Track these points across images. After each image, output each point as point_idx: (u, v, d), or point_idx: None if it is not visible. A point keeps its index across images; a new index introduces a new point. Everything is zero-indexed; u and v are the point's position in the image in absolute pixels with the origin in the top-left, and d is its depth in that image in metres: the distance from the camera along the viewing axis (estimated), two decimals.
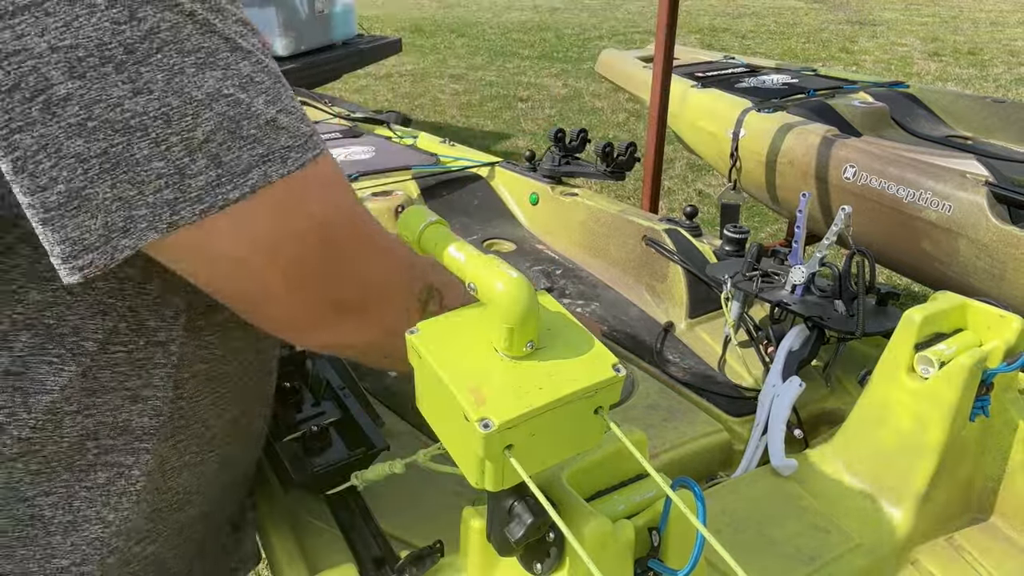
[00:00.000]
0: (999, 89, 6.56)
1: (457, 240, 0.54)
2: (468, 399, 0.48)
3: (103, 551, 0.65)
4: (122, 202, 0.47)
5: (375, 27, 8.74)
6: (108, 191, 0.46)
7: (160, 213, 0.48)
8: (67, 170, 0.45)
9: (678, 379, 1.17)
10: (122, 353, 0.60)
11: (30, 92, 0.43)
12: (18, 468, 0.59)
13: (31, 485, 0.60)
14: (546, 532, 0.54)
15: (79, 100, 0.44)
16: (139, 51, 0.45)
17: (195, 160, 0.48)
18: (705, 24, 9.86)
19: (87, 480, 0.62)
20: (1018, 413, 0.85)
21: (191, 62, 0.47)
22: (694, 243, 1.40)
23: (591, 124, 5.86)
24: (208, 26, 0.48)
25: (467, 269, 0.51)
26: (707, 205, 4.25)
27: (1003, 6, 10.73)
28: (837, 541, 0.81)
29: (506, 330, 0.50)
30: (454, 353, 0.52)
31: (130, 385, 0.61)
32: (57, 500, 0.61)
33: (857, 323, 1.02)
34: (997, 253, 2.03)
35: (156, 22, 0.46)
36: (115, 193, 0.46)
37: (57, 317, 0.57)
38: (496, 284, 0.49)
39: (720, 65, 3.45)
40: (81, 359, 0.58)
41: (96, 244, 0.47)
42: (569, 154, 1.74)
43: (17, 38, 0.43)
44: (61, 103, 0.44)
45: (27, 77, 0.43)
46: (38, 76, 0.43)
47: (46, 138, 0.44)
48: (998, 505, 0.87)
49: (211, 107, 0.48)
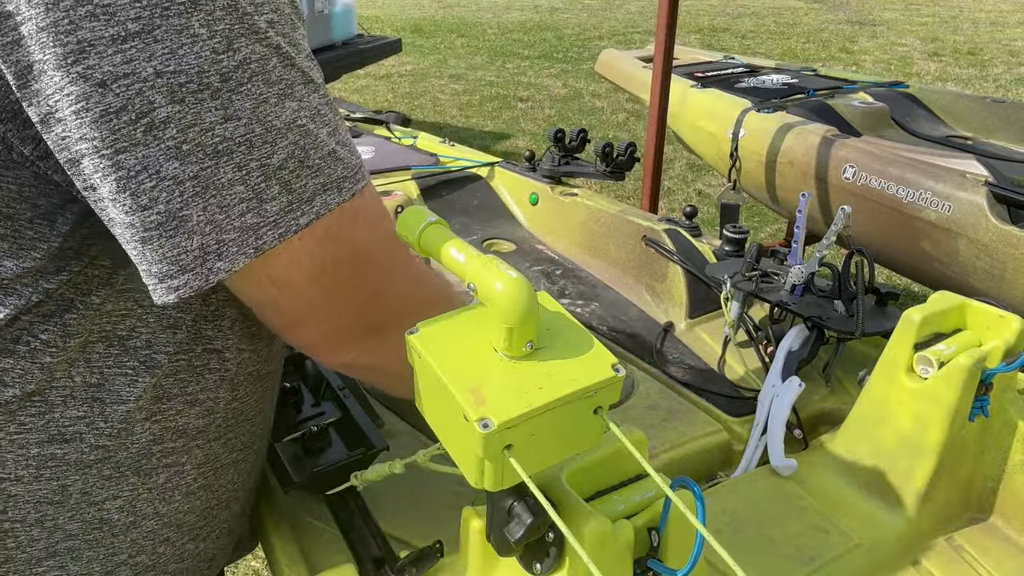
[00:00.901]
0: (999, 89, 6.56)
1: (456, 240, 0.54)
2: (467, 399, 0.48)
3: (155, 541, 0.68)
4: (213, 225, 0.49)
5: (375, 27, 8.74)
6: (201, 214, 0.48)
7: (247, 238, 0.50)
8: (166, 191, 0.47)
9: (678, 379, 1.17)
10: (184, 361, 0.63)
11: (135, 114, 0.45)
12: (92, 474, 0.62)
13: (102, 489, 0.63)
14: (546, 532, 0.54)
15: (177, 123, 0.46)
16: (232, 80, 0.48)
17: (270, 186, 0.50)
18: (705, 24, 9.86)
19: (149, 482, 0.65)
20: (1018, 413, 0.85)
21: (274, 92, 0.50)
22: (694, 243, 1.40)
23: (591, 124, 5.87)
24: (289, 59, 0.51)
25: (466, 269, 0.51)
26: (707, 205, 4.25)
27: (1003, 6, 10.73)
28: (837, 541, 0.81)
29: (506, 330, 0.50)
30: (454, 353, 0.52)
31: (190, 391, 0.64)
32: (123, 503, 0.64)
33: (857, 323, 1.02)
34: (997, 253, 2.03)
35: (248, 53, 0.48)
36: (207, 216, 0.48)
37: (130, 329, 0.59)
38: (495, 284, 0.49)
39: (720, 65, 3.45)
40: (154, 370, 0.61)
41: (192, 266, 0.49)
42: (569, 154, 1.74)
43: (127, 62, 0.45)
44: (161, 125, 0.46)
45: (133, 100, 0.45)
46: (143, 99, 0.45)
47: (147, 159, 0.46)
48: (998, 505, 0.87)
49: (287, 136, 0.50)
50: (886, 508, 0.84)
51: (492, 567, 0.62)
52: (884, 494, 0.85)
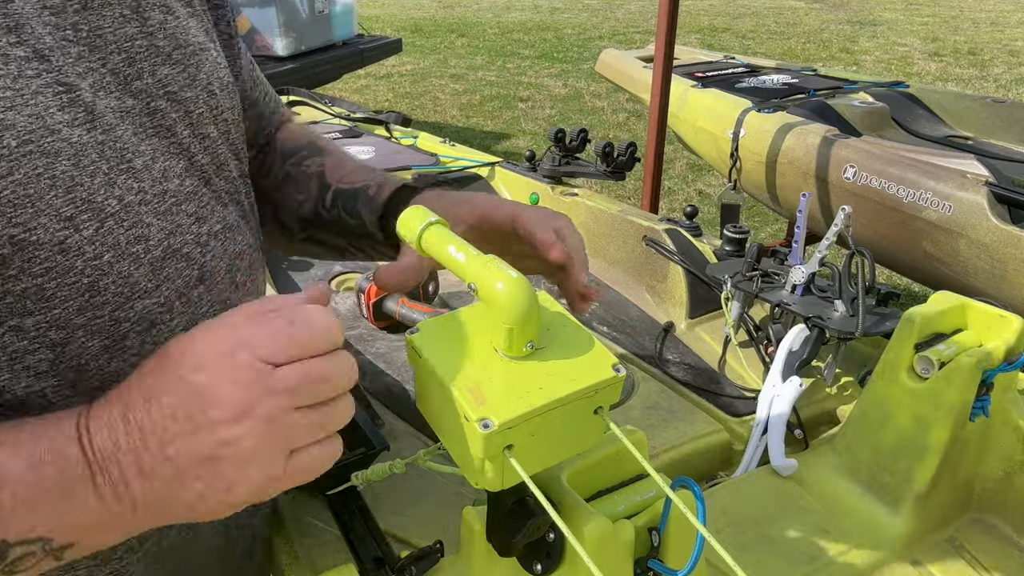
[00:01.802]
0: (999, 89, 6.56)
1: (457, 240, 0.54)
2: (468, 399, 0.48)
3: None
4: None
5: (375, 27, 8.73)
6: None
7: None
8: None
9: (678, 379, 1.17)
10: None
11: None
12: None
13: None
14: (546, 532, 0.55)
15: None
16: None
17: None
18: (705, 24, 9.86)
19: None
20: (1018, 413, 0.85)
21: None
22: (694, 243, 1.40)
23: (591, 124, 5.87)
24: None
25: (467, 269, 0.51)
26: (707, 205, 4.25)
27: (1003, 6, 10.73)
28: (837, 541, 0.81)
29: (506, 330, 0.50)
30: (454, 353, 0.52)
31: None
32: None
33: (857, 323, 1.02)
34: (997, 253, 2.03)
35: None
36: None
37: None
38: (496, 284, 0.49)
39: (720, 65, 3.45)
40: None
41: None
42: (569, 154, 1.74)
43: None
44: None
45: None
46: None
47: None
48: (998, 505, 0.87)
49: None
50: (886, 508, 0.84)
51: (492, 567, 0.62)
52: (884, 494, 0.85)
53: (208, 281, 0.60)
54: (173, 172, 0.58)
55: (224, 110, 0.65)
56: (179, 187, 0.58)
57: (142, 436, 0.45)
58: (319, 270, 1.57)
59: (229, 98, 0.66)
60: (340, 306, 1.41)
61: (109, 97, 0.53)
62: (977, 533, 0.85)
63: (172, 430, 0.44)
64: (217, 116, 0.63)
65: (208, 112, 0.62)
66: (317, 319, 0.47)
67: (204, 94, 0.62)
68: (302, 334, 0.46)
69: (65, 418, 0.47)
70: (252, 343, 0.45)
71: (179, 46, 0.60)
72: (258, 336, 0.45)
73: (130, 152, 0.54)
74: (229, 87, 0.66)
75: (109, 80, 0.54)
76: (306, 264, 1.60)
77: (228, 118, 0.66)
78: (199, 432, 0.44)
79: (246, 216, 0.69)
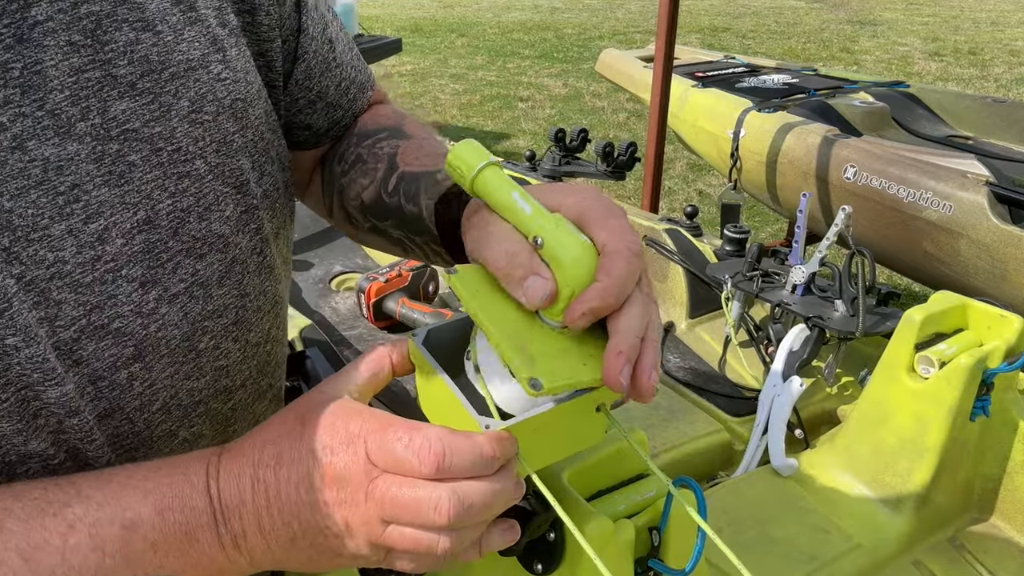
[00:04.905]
0: (1000, 89, 6.56)
1: (519, 187, 0.48)
2: (517, 355, 0.47)
3: None
4: None
5: (375, 27, 8.74)
6: None
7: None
8: None
9: (678, 379, 1.17)
10: None
11: None
12: None
13: None
14: (546, 531, 0.54)
15: None
16: None
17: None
18: (705, 24, 9.86)
19: None
20: (1018, 413, 0.85)
21: None
22: (694, 243, 1.40)
23: (591, 124, 5.86)
24: None
25: (533, 222, 0.47)
26: (707, 205, 4.25)
27: (1004, 6, 10.73)
28: (837, 541, 0.81)
29: (567, 295, 0.47)
30: (494, 304, 0.49)
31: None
32: None
33: (857, 323, 1.02)
34: (997, 253, 2.03)
35: None
36: None
37: None
38: (567, 244, 0.45)
39: (720, 65, 3.45)
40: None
41: None
42: (569, 154, 1.74)
43: None
44: None
45: None
46: None
47: None
48: (998, 505, 0.87)
49: None
50: (886, 508, 0.84)
51: (492, 567, 0.61)
52: (884, 494, 0.85)
53: (149, 357, 0.52)
54: (118, 230, 0.49)
55: (229, 134, 0.55)
56: (121, 248, 0.49)
57: (266, 497, 0.46)
58: (319, 270, 1.57)
59: (236, 120, 0.56)
60: (340, 306, 1.41)
61: (44, 146, 0.46)
62: (977, 533, 0.85)
63: (295, 499, 0.46)
64: (206, 146, 0.53)
65: (193, 144, 0.52)
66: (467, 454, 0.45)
67: (185, 124, 0.52)
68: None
69: (196, 461, 0.48)
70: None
71: (150, 71, 0.50)
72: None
73: (45, 218, 0.46)
74: (238, 104, 0.56)
75: (47, 124, 0.46)
76: (306, 264, 1.60)
77: (236, 141, 0.56)
78: (317, 508, 0.46)
79: (260, 249, 0.60)
